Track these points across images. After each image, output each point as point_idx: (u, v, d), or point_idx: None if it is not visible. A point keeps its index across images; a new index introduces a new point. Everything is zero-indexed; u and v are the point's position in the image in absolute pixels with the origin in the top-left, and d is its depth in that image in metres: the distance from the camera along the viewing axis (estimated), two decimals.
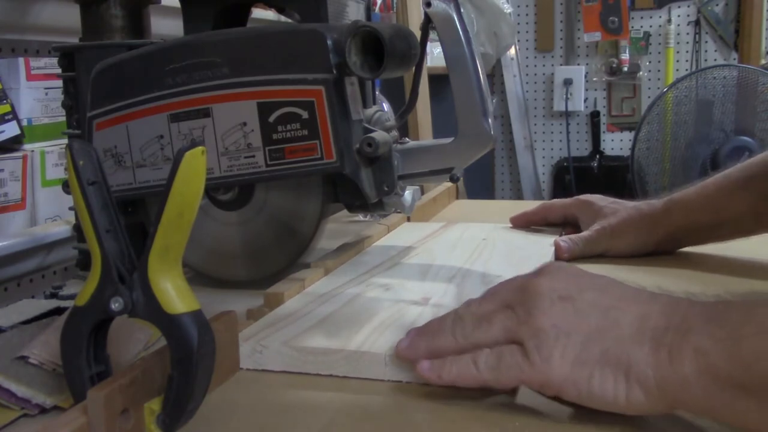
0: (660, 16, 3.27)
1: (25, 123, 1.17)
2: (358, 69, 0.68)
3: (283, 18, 0.94)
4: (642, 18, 3.29)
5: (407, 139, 0.80)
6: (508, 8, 2.83)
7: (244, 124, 0.70)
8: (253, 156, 0.71)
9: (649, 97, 3.21)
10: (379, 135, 0.72)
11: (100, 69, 0.75)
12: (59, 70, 0.83)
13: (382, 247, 0.92)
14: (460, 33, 0.75)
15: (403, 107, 0.79)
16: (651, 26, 3.29)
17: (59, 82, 0.86)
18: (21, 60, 1.19)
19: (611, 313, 0.48)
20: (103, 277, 0.47)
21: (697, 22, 3.24)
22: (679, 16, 3.26)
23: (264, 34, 0.71)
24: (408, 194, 0.80)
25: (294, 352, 0.58)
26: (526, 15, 3.38)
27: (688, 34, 3.25)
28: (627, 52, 3.25)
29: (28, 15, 1.30)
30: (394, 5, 2.45)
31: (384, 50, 0.67)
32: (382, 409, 0.52)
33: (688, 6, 3.24)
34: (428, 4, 0.73)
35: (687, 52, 3.24)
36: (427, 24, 0.76)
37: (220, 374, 0.55)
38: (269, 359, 0.58)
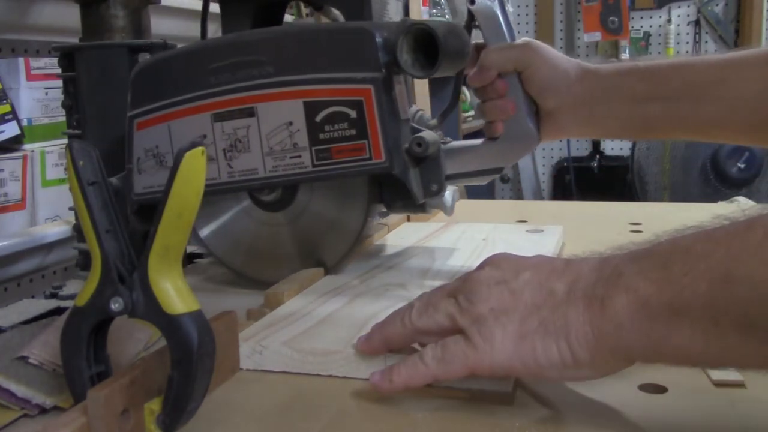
0: (660, 16, 3.28)
1: (25, 123, 1.17)
2: (410, 67, 0.67)
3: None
4: (642, 18, 3.29)
5: (449, 138, 0.79)
6: (508, 8, 2.83)
7: (290, 123, 0.69)
8: (299, 156, 0.70)
9: None
10: (428, 134, 0.71)
11: (141, 68, 0.74)
12: (59, 70, 0.83)
13: (382, 247, 0.92)
14: (505, 31, 0.75)
15: (445, 107, 0.79)
16: (651, 26, 3.29)
17: (59, 82, 0.86)
18: (21, 60, 1.20)
19: (544, 286, 0.49)
20: (103, 278, 0.47)
21: (697, 22, 3.24)
22: (679, 16, 3.26)
23: (311, 32, 0.70)
24: (448, 195, 0.78)
25: (294, 352, 0.58)
26: (526, 15, 3.38)
27: (688, 34, 3.26)
28: (627, 52, 3.25)
29: (28, 15, 1.30)
30: None
31: (438, 48, 0.66)
32: (382, 409, 0.52)
33: (688, 6, 3.25)
34: (472, 2, 0.73)
35: (687, 52, 3.25)
36: (471, 21, 0.75)
37: (220, 374, 0.55)
38: (269, 360, 0.58)
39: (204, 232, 0.82)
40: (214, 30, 2.36)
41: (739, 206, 0.96)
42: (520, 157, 0.77)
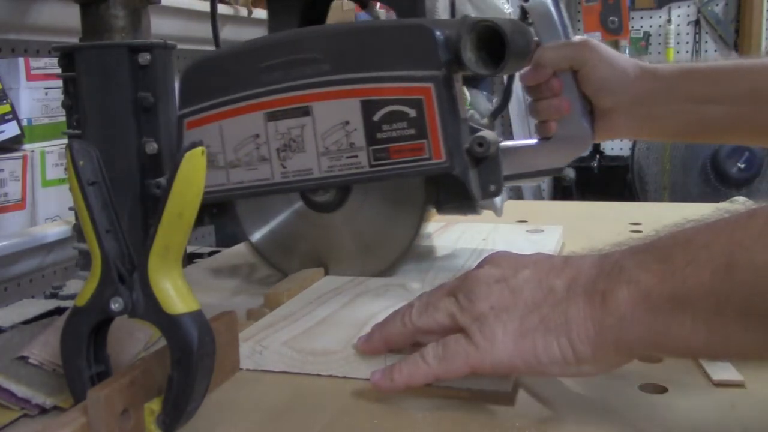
0: (660, 16, 3.28)
1: (25, 123, 1.17)
2: (474, 65, 0.66)
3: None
4: (642, 18, 3.29)
5: (501, 138, 0.78)
6: (508, 8, 2.82)
7: (347, 122, 0.68)
8: (356, 156, 0.69)
9: None
10: (488, 134, 0.70)
11: (191, 66, 0.73)
12: (59, 70, 0.83)
13: None
14: (559, 29, 0.74)
15: (496, 106, 0.78)
16: (651, 26, 3.29)
17: (59, 82, 0.86)
18: (21, 60, 1.20)
19: (544, 283, 0.49)
20: (103, 278, 0.47)
21: (697, 22, 3.24)
22: (679, 16, 3.26)
23: (369, 30, 0.69)
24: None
25: (294, 352, 0.58)
26: None
27: (688, 34, 3.26)
28: (627, 52, 3.25)
29: (28, 15, 1.30)
30: None
31: (506, 46, 0.65)
32: (382, 409, 0.52)
33: (688, 6, 3.25)
34: None
35: (687, 52, 3.25)
36: (524, 19, 0.74)
37: (220, 374, 0.55)
38: (269, 360, 0.58)
39: (255, 237, 0.81)
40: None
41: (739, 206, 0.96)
42: (574, 158, 0.76)
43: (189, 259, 0.96)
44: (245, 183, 0.73)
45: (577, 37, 0.77)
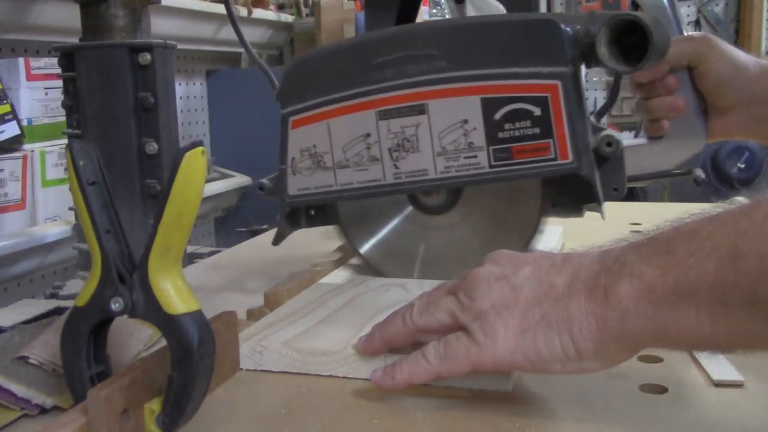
0: None
1: (25, 123, 1.17)
2: (609, 61, 0.63)
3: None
4: None
5: None
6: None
7: (465, 121, 0.65)
8: (475, 156, 0.66)
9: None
10: (615, 133, 0.67)
11: (297, 63, 0.71)
12: (59, 70, 0.83)
13: None
14: (673, 23, 0.72)
15: (603, 104, 0.76)
16: None
17: (59, 82, 0.86)
18: (21, 60, 1.20)
19: (545, 279, 0.49)
20: (103, 278, 0.47)
21: (697, 22, 3.24)
22: None
23: (490, 25, 0.66)
24: None
25: (294, 352, 0.58)
26: None
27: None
28: None
29: (28, 15, 1.30)
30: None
31: (648, 40, 0.61)
32: (382, 409, 0.52)
33: (688, 6, 3.24)
34: None
35: None
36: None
37: (220, 374, 0.55)
38: (269, 360, 0.58)
39: (364, 248, 0.78)
40: (214, 30, 2.35)
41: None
42: (687, 159, 0.73)
43: (189, 259, 0.96)
44: (354, 184, 0.70)
45: (697, 33, 0.75)
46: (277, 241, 0.76)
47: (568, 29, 0.63)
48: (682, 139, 0.73)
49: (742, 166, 3.03)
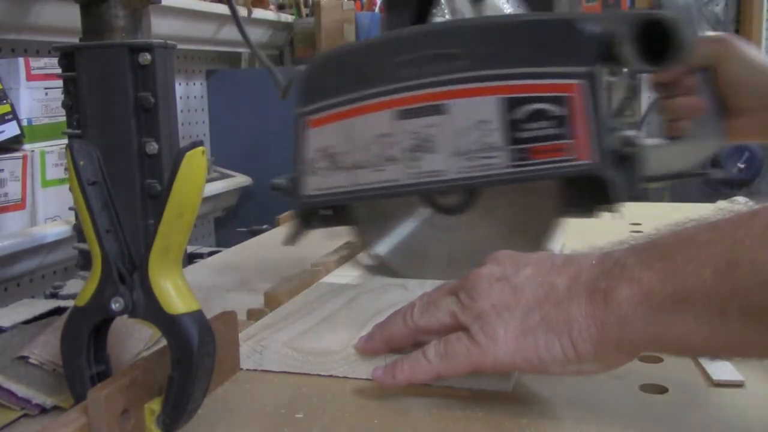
0: None
1: (25, 123, 1.17)
2: (633, 60, 0.62)
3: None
4: None
5: None
6: (508, 8, 2.82)
7: (485, 121, 0.65)
8: (494, 156, 0.65)
9: (649, 96, 3.20)
10: (634, 133, 0.66)
11: (313, 63, 0.71)
12: (59, 70, 0.83)
13: None
14: (697, 23, 0.72)
15: (619, 105, 0.75)
16: None
17: (59, 82, 0.86)
18: (21, 60, 1.20)
19: (545, 281, 0.49)
20: (104, 278, 0.47)
21: None
22: None
23: (511, 24, 0.65)
24: None
25: (294, 352, 0.58)
26: None
27: None
28: None
29: (28, 15, 1.30)
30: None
31: (677, 39, 0.61)
32: (382, 409, 0.52)
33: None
34: None
35: None
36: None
37: (220, 374, 0.55)
38: (269, 360, 0.58)
39: (383, 250, 0.77)
40: (214, 30, 2.35)
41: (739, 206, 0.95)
42: (703, 160, 0.72)
43: (189, 259, 0.96)
44: (371, 185, 0.69)
45: (717, 33, 0.75)
46: (289, 241, 0.76)
47: (589, 28, 0.63)
48: (700, 140, 0.73)
49: (742, 166, 3.03)
